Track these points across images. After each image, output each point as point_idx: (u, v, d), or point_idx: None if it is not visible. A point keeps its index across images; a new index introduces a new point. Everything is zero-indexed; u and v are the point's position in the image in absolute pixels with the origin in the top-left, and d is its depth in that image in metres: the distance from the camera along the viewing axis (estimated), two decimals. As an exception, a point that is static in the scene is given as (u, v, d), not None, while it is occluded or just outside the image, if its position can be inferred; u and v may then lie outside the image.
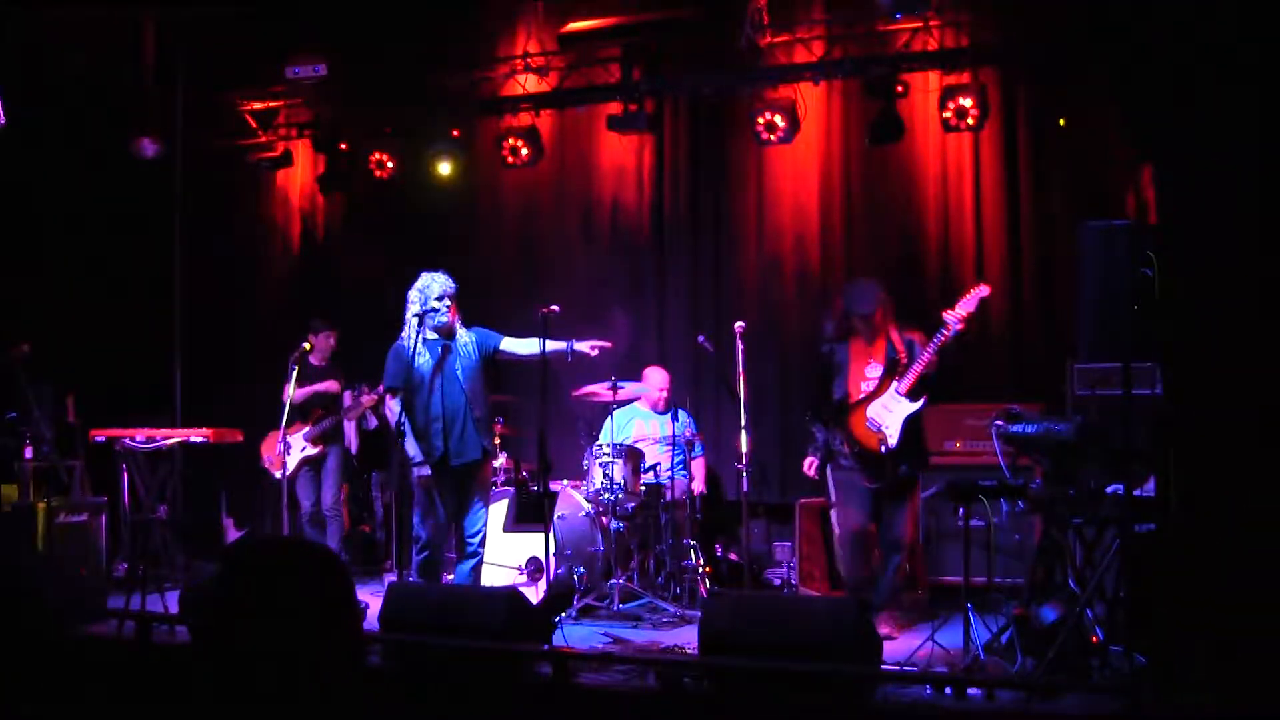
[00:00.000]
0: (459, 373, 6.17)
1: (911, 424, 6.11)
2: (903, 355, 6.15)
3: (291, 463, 7.87)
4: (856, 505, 6.23)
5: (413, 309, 6.17)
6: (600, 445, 7.26)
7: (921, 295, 8.07)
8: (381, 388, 7.19)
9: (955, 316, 5.90)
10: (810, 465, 6.55)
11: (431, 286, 6.17)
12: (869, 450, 6.12)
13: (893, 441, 6.06)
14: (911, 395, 6.06)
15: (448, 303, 6.19)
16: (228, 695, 1.86)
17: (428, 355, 6.15)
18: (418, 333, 6.10)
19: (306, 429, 7.94)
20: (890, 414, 6.09)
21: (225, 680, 1.85)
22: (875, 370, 6.20)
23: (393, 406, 6.21)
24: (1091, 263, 4.97)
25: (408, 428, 6.07)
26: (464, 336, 6.26)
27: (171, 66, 8.81)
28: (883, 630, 5.60)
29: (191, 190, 9.20)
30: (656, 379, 7.88)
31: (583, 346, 6.31)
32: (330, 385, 8.07)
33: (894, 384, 6.10)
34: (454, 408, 6.12)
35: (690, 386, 8.41)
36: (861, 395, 6.19)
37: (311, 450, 7.96)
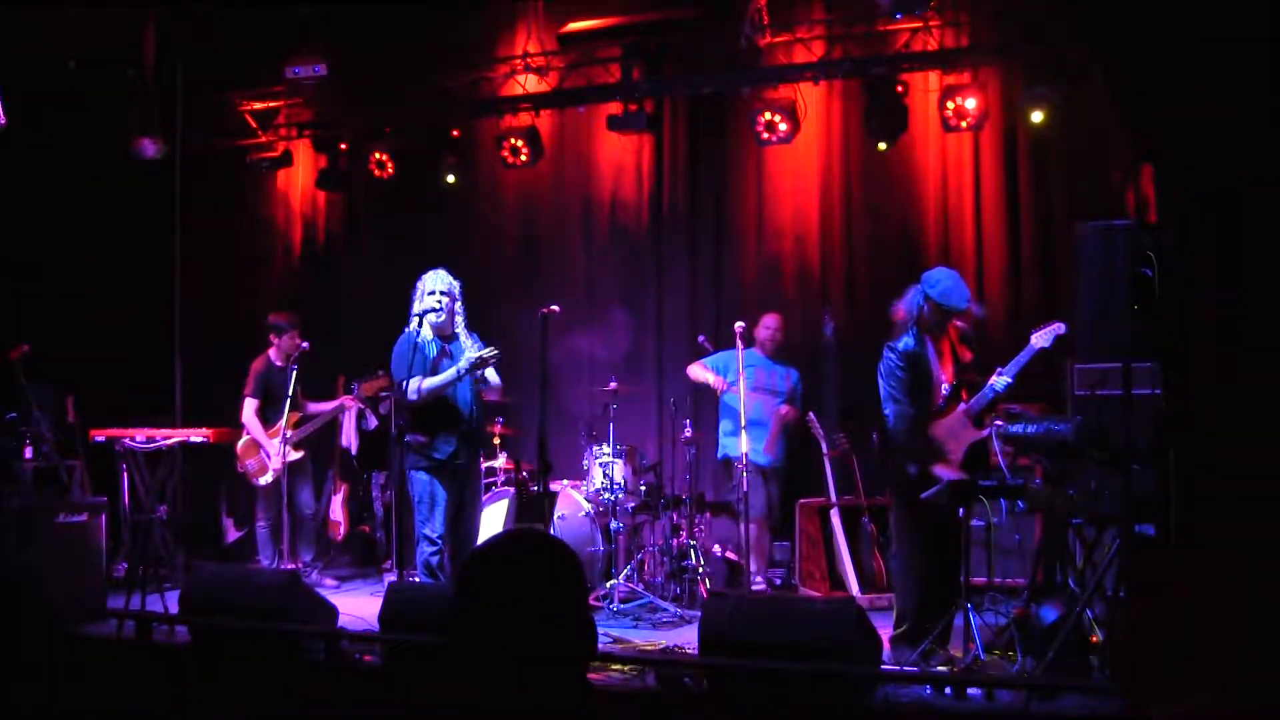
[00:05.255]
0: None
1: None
2: (969, 358, 5.37)
3: (274, 471, 7.66)
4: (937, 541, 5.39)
5: (415, 306, 6.24)
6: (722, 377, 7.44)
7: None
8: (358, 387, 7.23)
9: (1041, 340, 5.27)
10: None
11: (426, 280, 6.26)
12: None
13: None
14: (978, 421, 5.35)
15: (440, 298, 6.19)
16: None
17: (439, 355, 6.19)
18: (418, 330, 6.14)
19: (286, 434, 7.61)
20: (957, 440, 5.35)
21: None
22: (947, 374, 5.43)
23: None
24: (1091, 263, 4.97)
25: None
26: (467, 344, 6.26)
27: (171, 66, 8.81)
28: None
29: (191, 190, 9.20)
30: (770, 320, 7.61)
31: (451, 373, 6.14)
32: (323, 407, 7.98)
33: (963, 405, 5.40)
34: (466, 411, 6.17)
35: (691, 387, 8.41)
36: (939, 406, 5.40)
37: (294, 455, 7.68)
